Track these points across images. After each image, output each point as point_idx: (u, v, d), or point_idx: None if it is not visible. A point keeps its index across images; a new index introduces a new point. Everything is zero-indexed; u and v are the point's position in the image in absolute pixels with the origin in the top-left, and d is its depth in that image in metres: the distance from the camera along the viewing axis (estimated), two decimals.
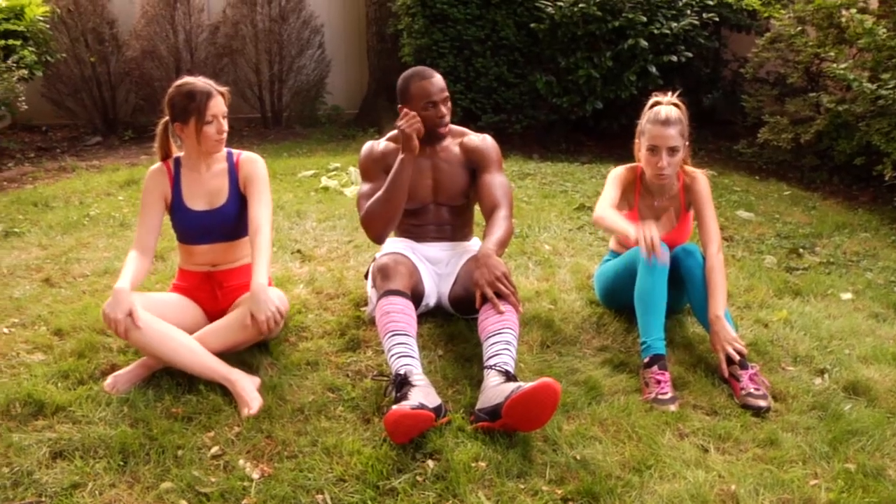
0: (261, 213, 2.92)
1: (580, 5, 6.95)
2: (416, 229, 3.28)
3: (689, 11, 7.24)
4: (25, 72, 6.60)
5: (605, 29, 7.05)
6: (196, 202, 2.98)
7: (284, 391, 2.69)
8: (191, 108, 2.85)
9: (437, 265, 3.24)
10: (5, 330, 3.21)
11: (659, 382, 2.75)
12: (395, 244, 3.22)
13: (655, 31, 7.01)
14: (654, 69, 7.05)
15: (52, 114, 8.62)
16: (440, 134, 3.16)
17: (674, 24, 7.07)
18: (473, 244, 3.38)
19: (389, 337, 2.70)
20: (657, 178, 3.11)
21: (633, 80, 7.12)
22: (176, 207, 2.99)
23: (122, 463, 2.30)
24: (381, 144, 3.26)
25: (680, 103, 3.15)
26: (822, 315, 3.44)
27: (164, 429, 2.44)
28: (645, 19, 7.01)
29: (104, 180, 6.00)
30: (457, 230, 3.33)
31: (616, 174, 3.24)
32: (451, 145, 3.24)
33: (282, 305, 2.82)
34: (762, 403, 2.67)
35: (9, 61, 6.42)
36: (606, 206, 3.10)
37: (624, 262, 3.13)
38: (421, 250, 3.22)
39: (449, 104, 3.14)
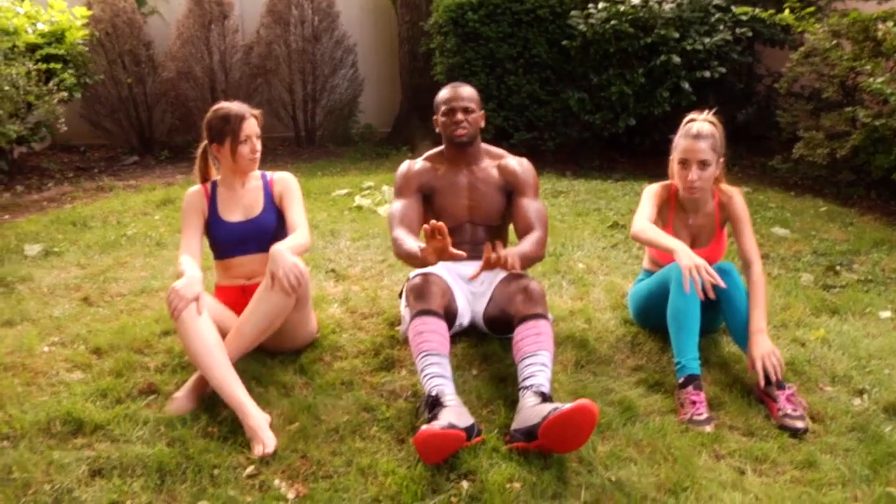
0: (297, 217, 3.09)
1: (612, 22, 6.95)
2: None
3: (721, 27, 7.20)
4: (66, 94, 6.74)
5: (637, 45, 7.04)
6: (232, 215, 3.13)
7: (319, 411, 2.70)
8: (226, 129, 3.05)
9: (471, 284, 3.24)
10: (46, 349, 3.27)
11: (694, 403, 2.72)
12: None
13: (688, 47, 6.98)
14: (687, 85, 7.02)
15: (90, 134, 8.81)
16: (457, 139, 3.20)
17: (706, 40, 7.04)
18: None
19: (423, 357, 2.71)
20: (688, 191, 3.10)
21: (666, 97, 7.09)
22: (212, 221, 3.14)
23: (159, 482, 2.32)
24: (417, 164, 3.34)
25: (716, 121, 3.15)
26: (860, 334, 3.39)
27: (200, 448, 2.47)
28: (677, 35, 6.98)
29: (141, 200, 6.10)
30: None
31: (651, 190, 3.23)
32: (490, 167, 3.31)
33: (301, 266, 2.82)
34: (799, 425, 2.63)
35: (50, 84, 6.56)
36: (645, 220, 3.10)
37: (658, 281, 3.12)
38: (455, 269, 3.22)
39: (473, 117, 3.21)
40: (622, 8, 7.01)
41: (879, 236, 5.02)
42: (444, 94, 3.25)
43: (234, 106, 3.09)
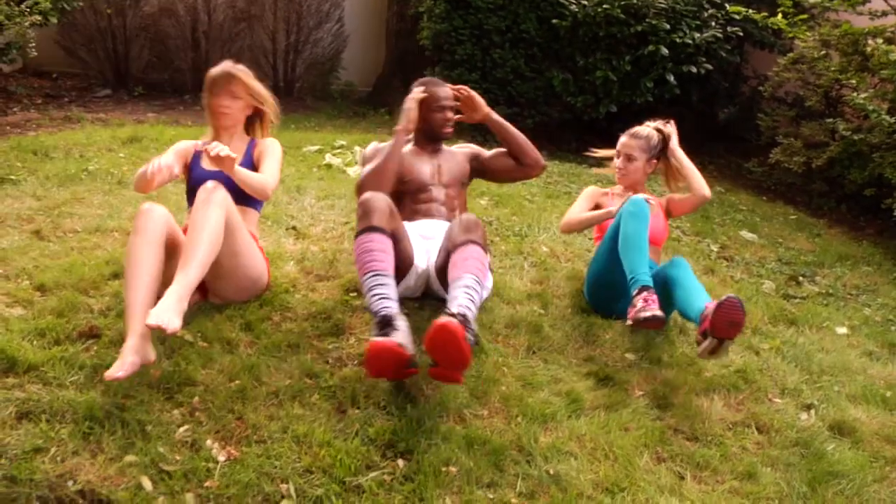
0: (268, 168, 3.16)
1: (604, 6, 6.86)
2: (420, 207, 3.43)
3: (713, 23, 7.16)
4: (39, 17, 6.51)
5: (626, 32, 6.97)
6: (211, 165, 3.11)
7: (261, 372, 2.64)
8: (205, 86, 3.26)
9: (430, 241, 3.27)
10: None
11: (647, 301, 2.80)
12: None
13: (678, 40, 6.92)
14: (672, 78, 6.97)
15: (64, 62, 8.54)
16: (444, 136, 3.50)
17: (697, 35, 6.99)
18: None
19: (370, 277, 2.73)
20: (618, 180, 3.59)
21: (650, 87, 7.04)
22: (192, 168, 3.25)
23: (87, 430, 2.25)
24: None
25: (663, 129, 3.57)
26: (815, 348, 3.40)
27: (135, 400, 2.40)
28: (668, 27, 6.92)
29: (107, 135, 5.93)
30: (452, 212, 3.45)
31: (588, 190, 3.67)
32: (452, 147, 3.65)
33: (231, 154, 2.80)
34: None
35: (22, 6, 6.33)
36: (571, 213, 3.55)
37: (606, 241, 3.25)
38: (416, 228, 3.31)
39: (453, 112, 3.49)
40: None
41: (845, 251, 5.05)
42: (432, 91, 3.45)
43: (219, 66, 3.25)
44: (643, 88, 7.05)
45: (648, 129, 3.55)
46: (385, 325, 2.56)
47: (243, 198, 3.12)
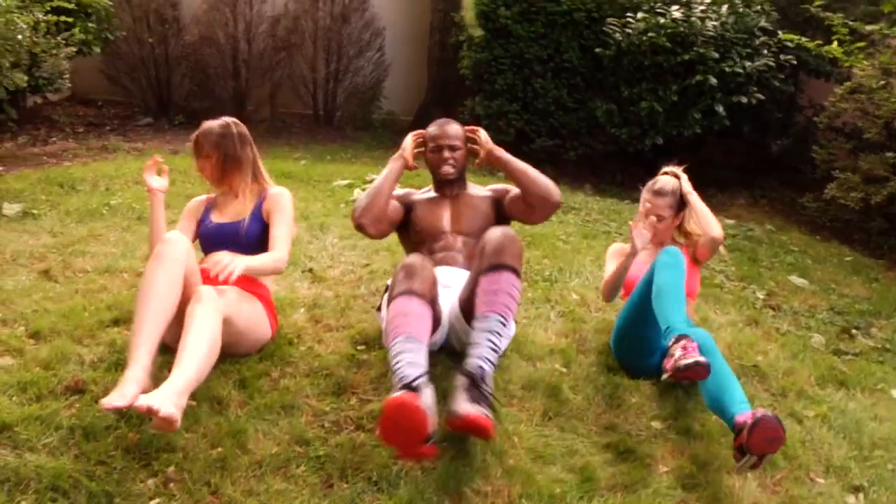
0: (279, 233, 3.03)
1: (650, 34, 6.60)
2: (436, 256, 3.22)
3: (765, 51, 6.83)
4: (72, 50, 6.52)
5: (673, 62, 6.68)
6: (219, 218, 3.15)
7: (247, 438, 2.44)
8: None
9: (448, 290, 3.04)
10: None
11: (686, 348, 2.53)
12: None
13: (727, 69, 6.60)
14: (721, 108, 6.65)
15: (109, 90, 8.65)
16: (442, 176, 3.29)
17: (748, 64, 6.66)
18: None
19: (402, 340, 2.49)
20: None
21: (698, 119, 6.74)
22: (201, 223, 3.19)
23: (49, 502, 2.08)
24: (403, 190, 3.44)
25: (679, 174, 3.36)
26: (866, 415, 3.06)
27: (106, 468, 2.22)
28: (717, 55, 6.61)
29: (136, 167, 5.84)
30: (470, 261, 3.15)
31: (613, 249, 3.47)
32: (478, 191, 3.41)
33: (233, 264, 2.62)
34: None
35: (59, 37, 6.33)
36: (604, 279, 3.35)
37: (638, 290, 3.00)
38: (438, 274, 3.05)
39: (459, 154, 3.30)
40: (662, 20, 6.65)
41: None
42: (431, 130, 3.32)
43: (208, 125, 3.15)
44: (691, 120, 6.75)
45: (670, 181, 3.31)
46: (410, 391, 2.32)
47: (249, 248, 3.01)
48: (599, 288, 3.40)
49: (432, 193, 3.39)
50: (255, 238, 3.05)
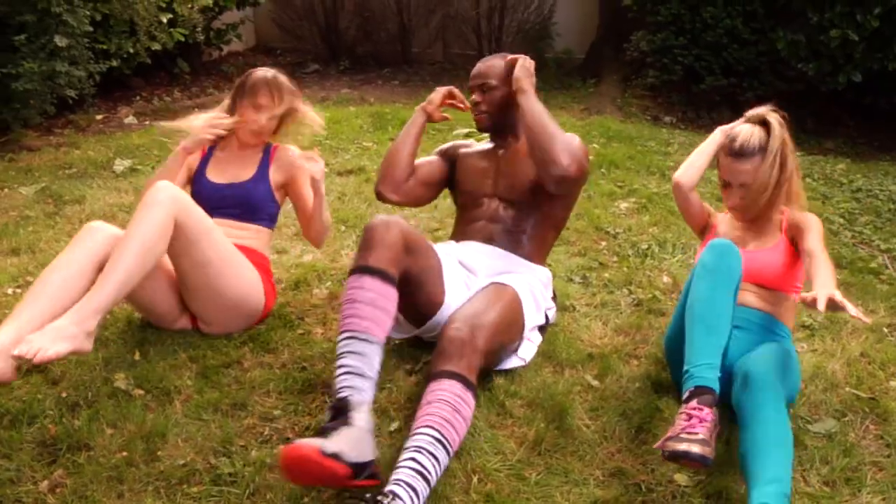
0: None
1: None
2: (467, 227, 2.74)
3: None
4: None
5: None
6: (217, 176, 2.84)
7: (165, 442, 2.12)
8: (244, 90, 2.81)
9: (473, 273, 2.58)
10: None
11: (690, 418, 1.88)
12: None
13: None
14: None
15: (286, 39, 8.79)
16: (477, 126, 2.75)
17: None
18: (527, 269, 2.64)
19: (345, 341, 2.10)
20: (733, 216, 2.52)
21: None
22: (196, 178, 2.86)
23: None
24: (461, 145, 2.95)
25: (776, 122, 2.36)
26: None
27: (10, 462, 2.04)
28: None
29: None
30: (512, 237, 2.66)
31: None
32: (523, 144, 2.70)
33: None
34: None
35: None
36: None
37: (684, 294, 2.26)
38: (459, 252, 2.61)
39: (493, 96, 2.67)
40: None
41: None
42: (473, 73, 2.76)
43: (264, 72, 2.82)
44: None
45: (756, 131, 2.35)
46: (337, 414, 1.95)
47: (249, 213, 2.79)
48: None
49: (488, 144, 2.84)
50: (259, 198, 2.81)
